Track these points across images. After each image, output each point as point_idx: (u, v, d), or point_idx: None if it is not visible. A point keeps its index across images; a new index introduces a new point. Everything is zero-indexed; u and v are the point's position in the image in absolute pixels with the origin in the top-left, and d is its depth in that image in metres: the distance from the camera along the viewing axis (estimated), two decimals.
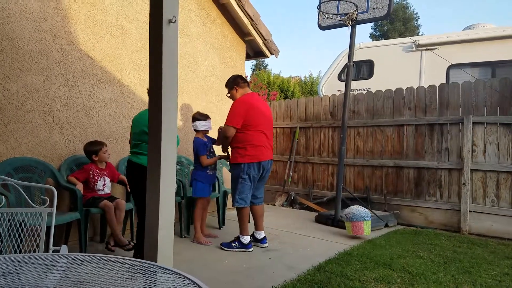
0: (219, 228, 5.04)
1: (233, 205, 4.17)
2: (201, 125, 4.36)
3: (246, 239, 4.06)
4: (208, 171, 4.36)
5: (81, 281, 1.29)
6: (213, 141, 4.56)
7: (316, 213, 5.94)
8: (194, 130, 4.43)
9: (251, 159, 3.98)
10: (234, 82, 4.17)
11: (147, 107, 3.39)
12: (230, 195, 5.66)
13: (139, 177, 3.32)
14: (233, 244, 4.05)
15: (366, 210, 4.78)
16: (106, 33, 4.37)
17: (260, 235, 4.25)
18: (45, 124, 3.81)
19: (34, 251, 2.10)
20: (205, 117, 4.42)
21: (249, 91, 4.18)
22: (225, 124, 4.04)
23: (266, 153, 4.08)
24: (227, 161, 4.39)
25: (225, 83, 4.30)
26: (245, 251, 4.00)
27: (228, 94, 4.25)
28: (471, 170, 5.22)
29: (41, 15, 3.75)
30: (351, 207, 4.87)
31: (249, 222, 5.34)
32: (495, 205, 5.07)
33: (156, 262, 1.85)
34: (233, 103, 4.09)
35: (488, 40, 7.21)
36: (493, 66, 7.09)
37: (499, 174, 5.05)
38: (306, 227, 5.26)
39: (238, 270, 3.41)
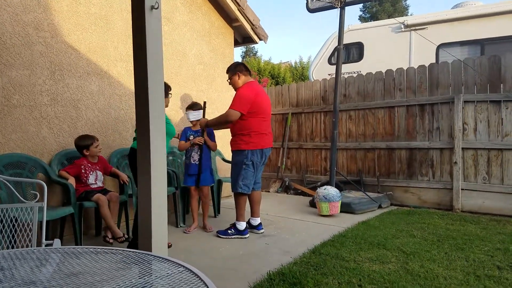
0: (215, 217, 5.05)
1: (233, 191, 4.12)
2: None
3: (242, 225, 4.07)
4: (185, 159, 4.40)
5: (74, 273, 1.28)
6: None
7: (311, 198, 5.97)
8: None
9: (255, 146, 4.00)
10: (237, 69, 4.12)
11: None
12: (224, 184, 5.67)
13: (132, 161, 3.40)
14: (229, 231, 4.07)
15: (336, 189, 5.07)
16: (91, 24, 4.29)
17: (256, 221, 4.26)
18: (33, 119, 3.76)
19: (27, 247, 2.08)
20: (187, 108, 4.45)
21: (250, 79, 4.16)
22: (230, 108, 3.96)
23: (268, 141, 4.12)
24: (201, 143, 4.26)
25: (226, 69, 4.24)
26: (241, 238, 4.02)
27: (229, 80, 4.18)
28: (462, 148, 5.27)
29: (22, 7, 3.67)
30: (326, 187, 5.08)
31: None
32: (486, 182, 5.13)
33: (150, 251, 1.85)
34: (241, 89, 4.02)
35: (476, 18, 7.21)
36: (482, 43, 7.10)
37: (489, 152, 5.10)
38: (301, 212, 5.29)
39: (234, 256, 3.43)
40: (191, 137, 4.35)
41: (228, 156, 6.10)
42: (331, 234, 4.01)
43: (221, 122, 4.08)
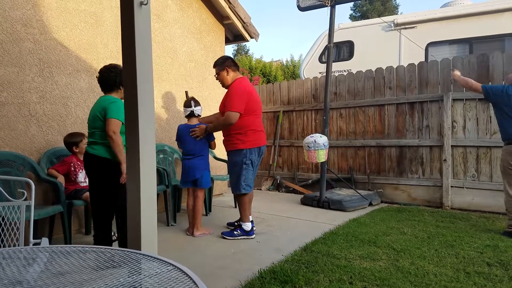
0: (206, 215, 5.04)
1: (236, 192, 4.01)
2: (185, 111, 4.19)
3: (248, 226, 3.97)
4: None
5: (62, 273, 1.26)
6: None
7: (302, 196, 5.98)
8: (185, 117, 4.21)
9: (252, 145, 3.91)
10: (226, 64, 3.96)
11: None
12: (216, 182, 5.65)
13: (97, 170, 3.10)
14: (235, 232, 3.97)
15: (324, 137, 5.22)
16: (80, 21, 4.24)
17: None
18: (21, 117, 3.70)
19: (14, 246, 2.05)
20: (186, 104, 4.26)
21: (239, 75, 4.02)
22: (228, 110, 3.80)
23: (263, 138, 4.05)
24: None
25: (213, 64, 4.08)
26: (247, 238, 3.95)
27: (217, 75, 4.02)
28: (452, 146, 5.32)
29: (10, 4, 3.61)
30: (320, 135, 5.20)
31: (235, 207, 5.39)
32: (475, 179, 5.18)
33: (139, 250, 1.84)
34: (234, 88, 3.88)
35: (465, 17, 7.27)
36: (470, 42, 7.17)
37: (478, 149, 5.16)
38: (293, 210, 5.30)
39: (226, 255, 3.42)
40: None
41: (219, 154, 6.09)
42: (322, 232, 4.02)
43: (221, 126, 3.92)
